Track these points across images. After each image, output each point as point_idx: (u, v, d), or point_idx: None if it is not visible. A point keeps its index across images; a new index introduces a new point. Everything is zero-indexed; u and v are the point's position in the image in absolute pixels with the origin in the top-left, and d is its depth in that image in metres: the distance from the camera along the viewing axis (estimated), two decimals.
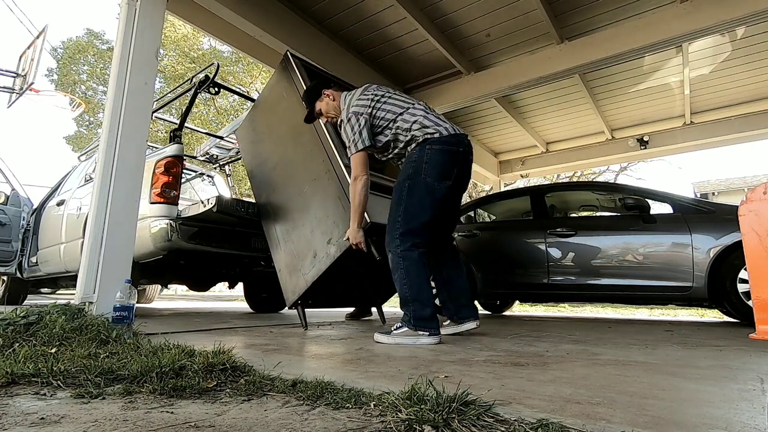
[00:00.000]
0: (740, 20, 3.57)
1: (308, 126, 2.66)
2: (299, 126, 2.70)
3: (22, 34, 79.42)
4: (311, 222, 2.66)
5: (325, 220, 2.58)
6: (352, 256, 2.39)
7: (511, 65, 4.71)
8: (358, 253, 2.32)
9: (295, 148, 2.88)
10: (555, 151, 7.31)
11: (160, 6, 2.84)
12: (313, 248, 2.61)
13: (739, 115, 5.72)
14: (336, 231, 2.48)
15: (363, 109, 2.25)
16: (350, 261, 2.48)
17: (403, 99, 2.33)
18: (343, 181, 2.47)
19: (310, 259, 2.62)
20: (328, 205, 2.57)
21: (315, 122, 2.62)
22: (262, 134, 3.21)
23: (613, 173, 16.92)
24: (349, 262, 2.49)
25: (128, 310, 2.18)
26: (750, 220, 2.46)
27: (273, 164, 3.06)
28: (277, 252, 2.91)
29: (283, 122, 3.02)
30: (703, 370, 1.46)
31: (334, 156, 2.55)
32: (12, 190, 5.24)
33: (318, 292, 2.68)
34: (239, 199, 3.05)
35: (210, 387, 1.15)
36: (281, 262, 2.85)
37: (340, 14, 4.09)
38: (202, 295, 13.98)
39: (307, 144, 2.74)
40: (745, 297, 3.12)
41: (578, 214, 5.08)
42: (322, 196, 2.62)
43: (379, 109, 2.27)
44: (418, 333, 2.07)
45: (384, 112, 2.26)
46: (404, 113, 2.24)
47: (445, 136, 2.18)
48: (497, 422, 0.84)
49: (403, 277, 2.10)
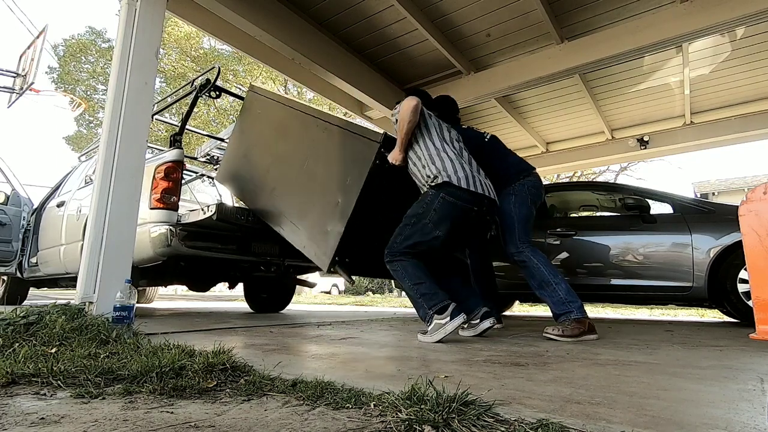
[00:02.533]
0: (740, 20, 3.57)
1: (291, 123, 3.00)
2: (281, 127, 2.96)
3: (22, 34, 79.42)
4: (322, 183, 2.67)
5: (336, 169, 2.61)
6: (378, 190, 2.45)
7: (511, 65, 4.70)
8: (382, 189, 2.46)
9: (286, 141, 3.05)
10: (555, 151, 7.30)
11: (160, 6, 2.83)
12: (334, 200, 2.54)
13: (739, 115, 5.72)
14: (350, 171, 2.50)
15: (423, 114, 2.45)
16: (377, 196, 2.49)
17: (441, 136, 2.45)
18: (343, 124, 2.62)
19: (332, 212, 2.53)
20: (334, 154, 2.63)
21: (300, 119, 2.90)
22: (246, 154, 3.37)
23: (613, 173, 16.93)
24: (377, 198, 2.49)
25: (128, 310, 2.18)
26: (750, 220, 2.46)
27: (266, 167, 3.14)
28: (297, 235, 2.80)
29: (264, 132, 3.23)
30: (704, 370, 1.46)
31: (326, 115, 2.72)
32: (12, 190, 5.24)
33: (353, 249, 2.56)
34: (239, 207, 3.05)
35: (210, 387, 1.15)
36: (304, 239, 2.74)
37: (340, 14, 4.09)
38: (202, 295, 13.99)
39: (295, 131, 2.93)
40: (745, 297, 3.13)
41: (578, 214, 5.07)
42: (325, 151, 2.69)
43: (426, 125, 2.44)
44: (441, 323, 2.12)
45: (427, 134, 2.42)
46: (438, 152, 2.36)
47: (463, 188, 2.27)
48: (497, 422, 0.84)
49: (405, 280, 2.26)
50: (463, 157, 2.39)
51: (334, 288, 20.44)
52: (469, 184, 2.27)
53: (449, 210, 2.25)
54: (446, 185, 2.24)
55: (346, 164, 2.61)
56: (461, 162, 2.34)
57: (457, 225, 2.33)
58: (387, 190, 2.54)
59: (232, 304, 7.44)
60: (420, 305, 2.22)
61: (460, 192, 2.25)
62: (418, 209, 2.31)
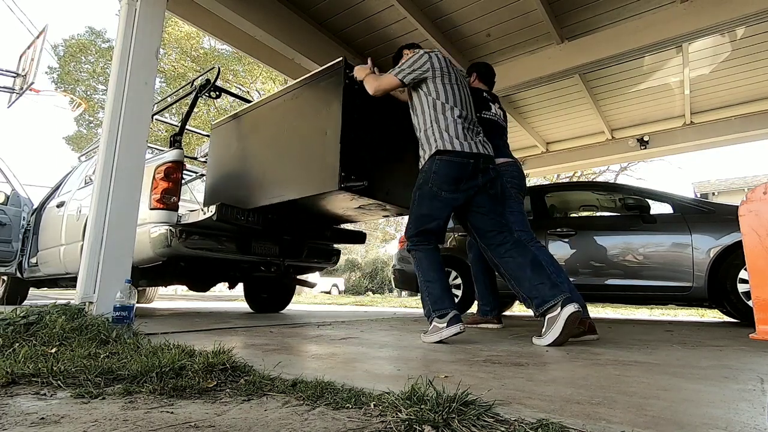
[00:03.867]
0: (740, 20, 3.57)
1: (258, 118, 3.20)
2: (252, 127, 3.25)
3: (22, 34, 79.38)
4: (307, 132, 2.76)
5: (316, 113, 2.72)
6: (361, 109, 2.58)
7: (511, 65, 4.70)
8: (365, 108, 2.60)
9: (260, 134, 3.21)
10: (555, 151, 7.30)
11: (160, 6, 2.84)
12: (322, 135, 2.60)
13: (739, 115, 5.72)
14: (328, 104, 2.62)
15: (437, 63, 2.29)
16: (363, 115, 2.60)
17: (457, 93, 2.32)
18: (305, 81, 2.85)
19: (324, 142, 2.58)
20: (309, 106, 2.80)
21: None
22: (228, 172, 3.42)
23: (613, 173, 16.94)
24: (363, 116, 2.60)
25: (128, 310, 2.18)
26: (750, 220, 2.46)
27: (251, 167, 3.19)
28: (301, 184, 2.76)
29: (237, 145, 3.35)
30: (704, 370, 1.46)
31: (287, 87, 2.95)
32: (12, 190, 5.24)
33: (361, 171, 2.56)
34: (240, 208, 3.04)
35: (210, 387, 1.15)
36: (309, 181, 2.70)
37: (340, 14, 4.09)
38: (202, 295, 13.99)
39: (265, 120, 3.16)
40: (745, 297, 3.13)
41: (578, 214, 5.08)
42: (299, 111, 2.86)
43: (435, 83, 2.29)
44: (438, 326, 2.12)
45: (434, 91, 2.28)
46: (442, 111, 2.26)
47: (458, 150, 2.21)
48: (497, 422, 0.84)
49: (419, 273, 2.26)
50: (466, 122, 2.29)
51: (334, 288, 20.46)
52: (467, 146, 2.21)
53: (448, 169, 2.19)
54: (441, 152, 2.20)
55: (322, 103, 2.70)
56: (462, 127, 2.25)
57: (464, 185, 2.22)
58: (370, 108, 2.66)
59: (232, 304, 7.44)
60: (426, 303, 2.23)
61: (454, 152, 2.20)
62: (419, 180, 2.28)
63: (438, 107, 2.26)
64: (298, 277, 4.47)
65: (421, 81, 2.30)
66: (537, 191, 4.58)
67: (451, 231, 4.77)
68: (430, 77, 2.28)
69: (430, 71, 2.27)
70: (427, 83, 2.29)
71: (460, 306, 4.48)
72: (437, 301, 2.17)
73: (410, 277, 4.76)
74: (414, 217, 2.27)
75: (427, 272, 2.23)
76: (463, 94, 2.35)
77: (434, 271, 2.23)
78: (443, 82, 2.29)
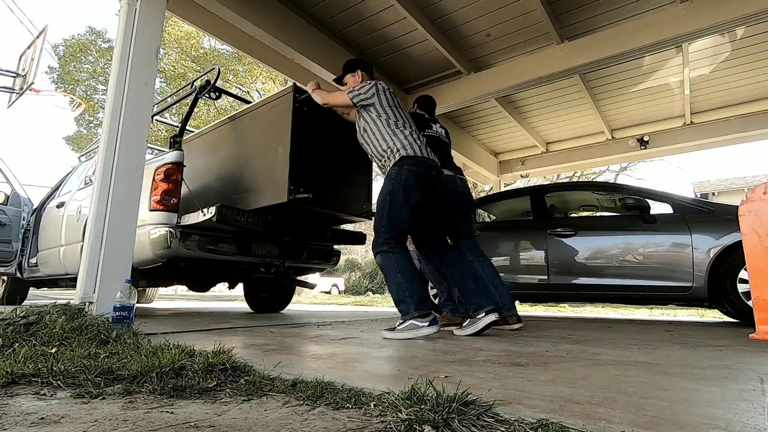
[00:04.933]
0: (740, 20, 3.57)
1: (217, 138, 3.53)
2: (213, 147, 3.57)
3: (22, 34, 79.37)
4: (263, 149, 3.06)
5: (270, 131, 3.03)
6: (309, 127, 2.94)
7: (511, 65, 4.70)
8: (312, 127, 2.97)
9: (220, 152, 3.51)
10: (555, 151, 7.30)
11: (160, 6, 2.83)
12: (275, 151, 2.90)
13: (739, 115, 5.72)
14: (280, 124, 2.93)
15: (382, 93, 2.63)
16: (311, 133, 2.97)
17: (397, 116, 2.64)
18: (261, 103, 3.22)
19: (276, 158, 2.89)
20: (264, 125, 3.11)
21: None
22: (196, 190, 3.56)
23: (613, 173, 16.93)
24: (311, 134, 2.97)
25: (128, 310, 2.18)
26: (750, 220, 2.46)
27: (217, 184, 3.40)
28: (258, 193, 3.04)
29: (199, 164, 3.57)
30: (704, 370, 1.46)
31: (246, 108, 3.34)
32: (12, 191, 5.24)
33: (309, 183, 2.87)
34: (239, 209, 3.04)
35: (210, 387, 1.15)
36: (264, 191, 3.00)
37: (340, 14, 4.09)
38: (202, 295, 14.00)
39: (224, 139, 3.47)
40: (745, 297, 3.13)
41: (578, 214, 5.08)
42: (256, 129, 3.18)
43: (383, 106, 2.62)
44: (418, 324, 2.27)
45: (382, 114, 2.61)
46: (394, 128, 2.57)
47: (419, 156, 2.50)
48: (497, 422, 0.84)
49: (394, 269, 2.38)
50: (415, 134, 2.60)
51: (334, 288, 20.44)
52: (423, 152, 2.53)
53: (415, 177, 2.43)
54: (405, 158, 2.46)
55: (275, 124, 3.01)
56: (414, 137, 2.56)
57: (429, 189, 2.49)
58: (317, 129, 3.02)
59: (232, 304, 7.44)
60: (405, 299, 2.32)
61: (417, 159, 2.47)
62: (386, 188, 2.47)
63: (391, 124, 2.56)
64: (298, 278, 4.47)
65: (368, 105, 2.62)
66: (537, 191, 4.58)
67: None
68: (376, 103, 2.61)
69: (375, 97, 2.61)
70: (376, 107, 2.60)
71: None
72: (421, 300, 2.31)
73: None
74: (387, 221, 2.44)
75: (407, 273, 2.36)
76: (406, 115, 2.69)
77: (413, 272, 2.39)
78: (390, 105, 2.62)
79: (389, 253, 2.39)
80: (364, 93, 2.62)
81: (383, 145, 2.53)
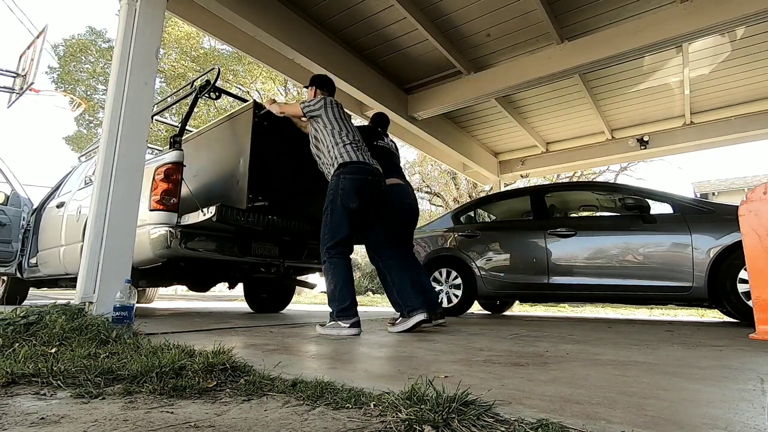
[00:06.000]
0: (740, 20, 3.57)
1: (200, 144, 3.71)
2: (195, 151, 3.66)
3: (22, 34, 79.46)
4: (228, 160, 3.29)
5: (234, 144, 3.25)
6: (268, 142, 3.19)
7: (511, 65, 4.70)
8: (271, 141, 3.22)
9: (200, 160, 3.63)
10: (555, 151, 7.30)
11: (160, 6, 2.83)
12: (237, 162, 3.13)
13: (739, 115, 5.72)
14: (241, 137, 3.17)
15: (329, 106, 2.87)
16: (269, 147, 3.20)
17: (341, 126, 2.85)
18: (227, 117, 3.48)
19: (238, 168, 3.10)
20: (230, 139, 3.35)
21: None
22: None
23: (613, 173, 16.92)
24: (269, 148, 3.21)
25: (128, 310, 2.18)
26: (750, 220, 2.46)
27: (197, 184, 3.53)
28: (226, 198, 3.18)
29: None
30: (704, 370, 1.46)
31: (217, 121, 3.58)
32: (12, 191, 5.23)
33: (266, 193, 3.12)
34: (239, 208, 3.05)
35: (210, 387, 1.15)
36: (228, 196, 3.17)
37: (340, 14, 4.09)
38: (202, 295, 13.99)
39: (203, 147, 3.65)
40: (745, 297, 3.12)
41: (578, 214, 5.07)
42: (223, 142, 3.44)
43: (329, 118, 2.85)
44: (341, 325, 2.49)
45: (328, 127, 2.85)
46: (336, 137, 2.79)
47: (356, 161, 2.70)
48: (497, 422, 0.84)
49: (329, 278, 2.59)
50: (357, 143, 2.80)
51: None
52: (361, 158, 2.72)
53: (351, 184, 2.63)
54: (344, 165, 2.66)
55: (237, 137, 3.25)
56: (355, 146, 2.76)
57: (367, 194, 2.69)
58: (275, 142, 3.27)
59: (232, 304, 7.44)
60: (336, 303, 2.55)
61: (354, 165, 2.67)
62: (327, 199, 2.68)
63: (335, 134, 2.77)
64: (298, 278, 4.47)
65: (316, 116, 2.84)
66: (537, 191, 4.58)
67: (451, 231, 4.78)
68: (323, 114, 2.82)
69: (323, 110, 2.83)
70: (323, 118, 2.82)
71: (459, 306, 4.48)
72: (348, 308, 2.54)
73: None
74: (329, 230, 2.64)
75: (339, 282, 2.57)
76: (351, 126, 2.89)
77: (349, 280, 2.61)
78: (335, 117, 2.84)
79: (327, 263, 2.62)
80: (312, 105, 2.86)
81: (327, 153, 2.76)
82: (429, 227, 5.13)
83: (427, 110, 5.38)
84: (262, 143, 3.14)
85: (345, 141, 2.75)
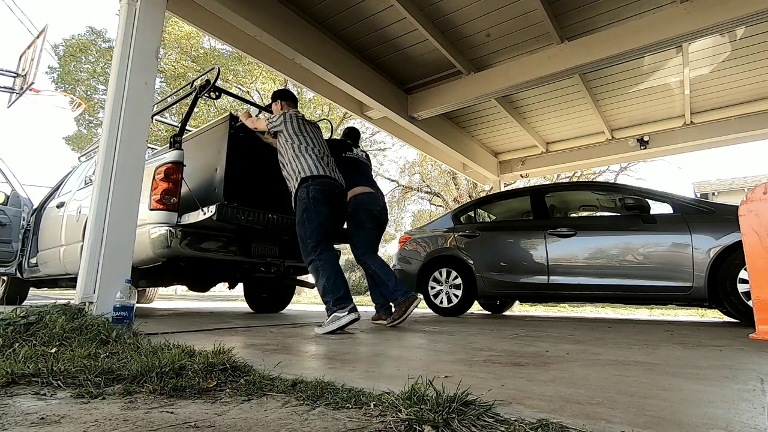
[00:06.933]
0: (740, 20, 3.57)
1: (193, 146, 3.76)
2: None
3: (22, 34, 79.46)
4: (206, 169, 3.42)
5: (212, 154, 3.39)
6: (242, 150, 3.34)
7: (511, 65, 4.70)
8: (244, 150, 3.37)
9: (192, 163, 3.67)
10: (555, 151, 7.30)
11: (160, 6, 2.83)
12: (213, 170, 3.29)
13: (739, 115, 5.72)
14: (218, 147, 3.33)
15: (289, 121, 2.96)
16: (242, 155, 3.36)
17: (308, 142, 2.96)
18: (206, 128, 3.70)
19: (214, 177, 3.25)
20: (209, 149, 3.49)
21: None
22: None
23: (613, 173, 16.91)
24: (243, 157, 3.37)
25: (128, 310, 2.18)
26: (750, 220, 2.46)
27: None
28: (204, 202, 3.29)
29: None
30: (704, 370, 1.46)
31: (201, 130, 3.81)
32: (12, 191, 5.23)
33: (239, 194, 3.26)
34: (239, 207, 3.05)
35: (210, 387, 1.15)
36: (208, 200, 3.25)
37: (340, 14, 4.09)
38: (202, 295, 13.99)
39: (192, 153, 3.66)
40: (745, 297, 3.12)
41: (578, 214, 5.07)
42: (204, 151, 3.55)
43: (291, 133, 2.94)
44: (339, 315, 2.54)
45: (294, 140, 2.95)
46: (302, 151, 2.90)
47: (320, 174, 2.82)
48: (497, 422, 0.84)
49: (321, 274, 2.66)
50: (320, 156, 2.90)
51: None
52: (326, 172, 2.83)
53: (320, 194, 2.75)
54: (305, 179, 2.77)
55: (215, 146, 3.40)
56: (318, 159, 2.86)
57: (334, 204, 2.83)
58: (249, 152, 3.42)
59: (232, 304, 7.44)
60: (328, 297, 2.62)
61: (319, 179, 2.78)
62: (300, 208, 2.78)
63: (295, 148, 2.86)
64: (298, 278, 4.47)
65: (278, 131, 2.96)
66: (537, 191, 4.58)
67: (451, 231, 4.78)
68: (284, 129, 2.92)
69: (283, 125, 2.93)
70: (284, 133, 2.92)
71: (460, 306, 4.48)
72: (343, 296, 2.61)
73: (411, 276, 4.76)
74: (309, 233, 2.73)
75: (330, 277, 2.64)
76: (317, 139, 2.98)
77: (340, 272, 2.70)
78: (296, 131, 2.91)
79: (316, 261, 2.69)
80: (275, 121, 2.98)
81: (289, 167, 2.87)
82: (429, 227, 5.13)
83: (427, 110, 5.38)
84: (238, 153, 3.32)
85: (308, 154, 2.86)
